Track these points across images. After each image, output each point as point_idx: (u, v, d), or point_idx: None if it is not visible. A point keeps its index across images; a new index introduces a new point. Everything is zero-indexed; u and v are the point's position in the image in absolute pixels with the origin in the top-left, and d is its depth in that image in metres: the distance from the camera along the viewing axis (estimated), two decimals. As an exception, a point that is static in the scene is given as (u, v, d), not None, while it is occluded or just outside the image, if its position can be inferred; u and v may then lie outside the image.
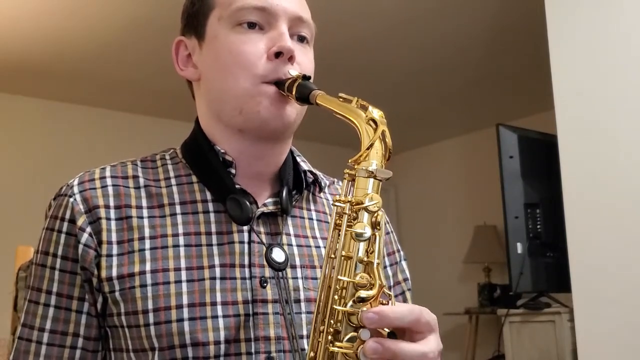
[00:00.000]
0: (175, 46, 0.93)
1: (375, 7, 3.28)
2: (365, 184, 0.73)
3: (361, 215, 0.72)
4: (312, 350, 0.71)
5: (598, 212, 2.36)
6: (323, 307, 0.71)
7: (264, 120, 0.84)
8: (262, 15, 0.85)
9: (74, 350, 0.81)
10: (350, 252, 0.71)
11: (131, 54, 3.75)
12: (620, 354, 2.25)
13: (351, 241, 0.71)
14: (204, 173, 0.87)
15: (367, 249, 0.71)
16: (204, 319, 0.78)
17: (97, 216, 0.82)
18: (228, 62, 0.85)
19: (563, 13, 2.53)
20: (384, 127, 0.75)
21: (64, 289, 0.81)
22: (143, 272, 0.79)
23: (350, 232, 0.71)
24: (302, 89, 0.82)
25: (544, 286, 2.94)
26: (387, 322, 0.66)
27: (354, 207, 0.72)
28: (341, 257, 0.71)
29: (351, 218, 0.72)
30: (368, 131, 0.75)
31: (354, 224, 0.71)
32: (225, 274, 0.81)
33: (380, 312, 0.65)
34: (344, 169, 0.75)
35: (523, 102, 4.49)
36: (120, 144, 4.51)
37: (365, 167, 0.73)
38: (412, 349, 0.66)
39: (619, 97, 2.35)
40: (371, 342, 0.65)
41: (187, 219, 0.84)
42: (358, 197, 0.72)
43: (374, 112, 0.77)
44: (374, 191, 0.73)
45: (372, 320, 0.65)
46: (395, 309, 0.67)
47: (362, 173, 0.73)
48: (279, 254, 0.83)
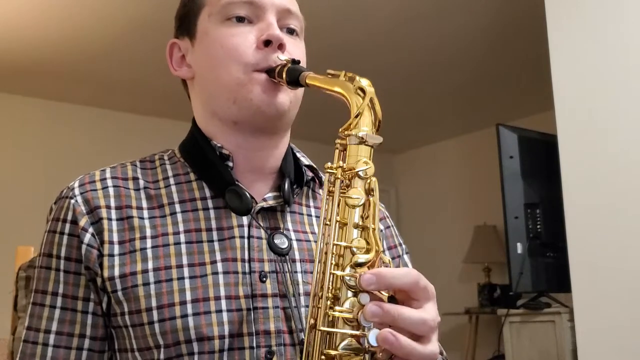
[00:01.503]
0: (169, 49, 0.94)
1: (375, 8, 3.29)
2: (356, 151, 0.73)
3: (354, 182, 0.72)
4: (312, 317, 0.70)
5: (598, 212, 2.36)
6: (321, 273, 0.70)
7: (257, 108, 0.84)
8: (251, 8, 0.86)
9: (80, 351, 0.80)
10: (345, 219, 0.71)
11: (132, 54, 3.75)
12: (620, 354, 2.25)
13: (346, 208, 0.71)
14: (202, 168, 0.88)
15: (362, 215, 0.71)
16: (208, 314, 0.78)
17: (98, 216, 0.82)
18: (219, 55, 0.86)
19: (563, 13, 2.53)
20: (371, 95, 0.75)
21: (68, 290, 0.81)
22: (145, 271, 0.79)
23: (344, 199, 0.71)
24: (292, 72, 0.82)
25: (544, 286, 2.94)
26: (384, 283, 0.66)
27: (346, 173, 0.72)
28: (336, 223, 0.71)
29: (344, 185, 0.72)
30: (357, 101, 0.75)
31: (347, 191, 0.71)
32: (227, 269, 0.81)
33: (377, 273, 0.65)
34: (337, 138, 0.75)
35: (523, 102, 4.50)
36: (120, 144, 4.51)
37: (354, 134, 0.73)
38: (412, 314, 0.66)
39: (618, 97, 2.35)
40: (371, 305, 0.65)
41: (187, 216, 0.84)
42: (350, 164, 0.72)
43: (361, 81, 0.77)
44: (367, 157, 0.72)
45: (370, 281, 0.65)
46: (392, 270, 0.67)
47: (353, 140, 0.73)
48: (281, 240, 0.83)
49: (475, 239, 4.89)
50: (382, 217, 1.00)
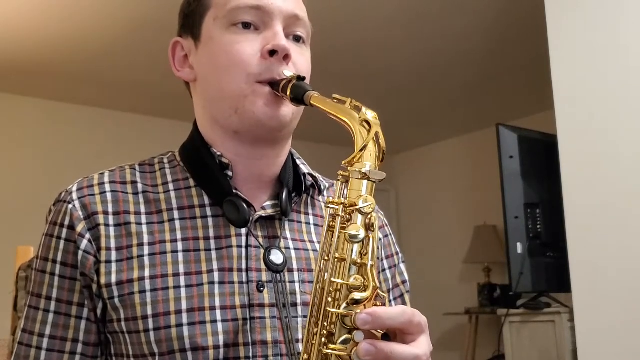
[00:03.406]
0: (172, 47, 0.92)
1: (375, 9, 3.29)
2: (359, 185, 0.72)
3: (355, 217, 0.71)
4: (305, 352, 0.71)
5: (598, 212, 2.36)
6: (317, 309, 0.71)
7: (259, 120, 0.83)
8: (257, 14, 0.85)
9: (73, 355, 0.81)
10: (344, 254, 0.70)
11: (132, 54, 3.75)
12: (620, 354, 2.25)
13: (345, 243, 0.71)
14: (201, 176, 0.87)
15: (361, 251, 0.71)
16: (203, 324, 0.78)
17: (96, 222, 0.81)
18: (223, 62, 0.84)
19: (563, 13, 2.53)
20: (377, 129, 0.75)
21: (63, 295, 0.81)
22: (142, 278, 0.79)
23: (343, 234, 0.71)
24: (297, 90, 0.81)
25: (544, 286, 2.94)
26: (380, 323, 0.66)
27: (347, 209, 0.72)
28: (335, 259, 0.71)
29: (345, 220, 0.72)
30: (362, 132, 0.75)
31: (347, 225, 0.71)
32: (223, 279, 0.81)
33: (373, 313, 0.66)
34: (340, 170, 0.75)
35: (523, 102, 4.50)
36: (120, 144, 4.51)
37: (358, 168, 0.73)
38: (405, 351, 0.66)
39: (618, 97, 2.35)
40: (365, 344, 0.65)
41: (185, 224, 0.84)
42: (351, 199, 0.72)
43: (367, 113, 0.76)
44: (368, 193, 0.72)
45: (365, 321, 0.65)
46: (388, 310, 0.67)
47: (356, 175, 0.73)
48: (277, 256, 0.82)
49: (475, 239, 4.89)
50: (381, 225, 1.00)
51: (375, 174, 0.73)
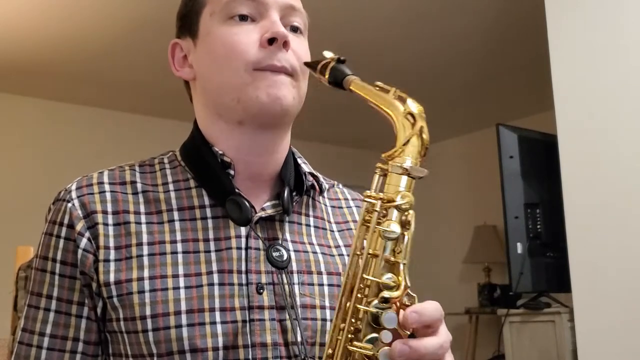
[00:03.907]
0: (171, 49, 0.92)
1: (375, 10, 3.29)
2: (397, 180, 0.71)
3: (391, 212, 0.70)
4: (330, 347, 0.70)
5: (598, 212, 2.36)
6: (345, 304, 0.70)
7: (262, 106, 0.82)
8: (253, 5, 0.85)
9: (74, 354, 0.80)
10: (377, 251, 0.69)
11: (132, 54, 3.75)
12: (620, 354, 2.25)
13: (378, 239, 0.69)
14: (203, 175, 0.86)
15: (394, 249, 0.70)
16: (202, 325, 0.77)
17: (94, 221, 0.81)
18: (222, 54, 0.84)
19: (563, 13, 2.53)
20: (422, 123, 0.73)
21: (63, 293, 0.81)
22: (141, 279, 0.79)
23: (378, 230, 0.69)
24: (336, 73, 0.80)
25: (544, 286, 2.94)
26: (423, 321, 0.67)
27: (384, 204, 0.70)
28: (368, 255, 0.70)
29: (380, 215, 0.70)
30: (405, 125, 0.73)
31: (383, 221, 0.70)
32: (223, 280, 0.80)
33: (419, 311, 0.67)
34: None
35: (523, 102, 4.50)
36: (120, 144, 4.51)
37: (399, 163, 0.71)
38: (434, 343, 0.67)
39: (618, 97, 2.35)
40: (399, 345, 0.66)
41: (185, 225, 0.83)
42: (389, 194, 0.70)
43: (412, 105, 0.74)
44: (406, 189, 0.71)
45: (414, 319, 0.66)
46: (427, 307, 0.68)
47: (396, 169, 0.71)
48: (280, 253, 0.82)
49: (475, 239, 4.89)
50: None
51: (416, 170, 0.71)
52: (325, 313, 0.84)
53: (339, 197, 0.99)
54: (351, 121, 5.01)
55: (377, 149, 4.65)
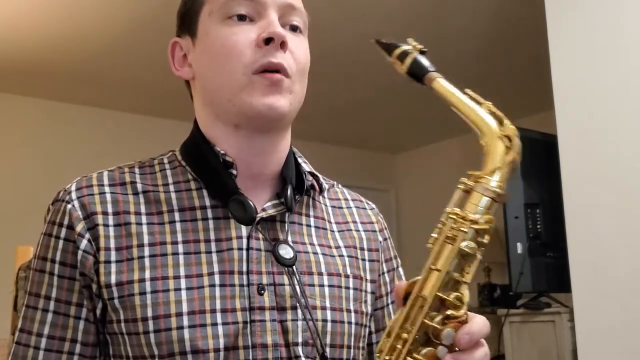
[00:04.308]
0: (171, 48, 0.92)
1: (375, 9, 3.28)
2: (478, 199, 0.71)
3: (470, 232, 0.70)
4: (388, 353, 0.71)
5: (598, 212, 2.35)
6: (412, 316, 0.70)
7: (257, 111, 0.82)
8: (251, 5, 0.84)
9: (71, 356, 0.80)
10: (449, 268, 0.70)
11: (132, 54, 3.74)
12: (620, 354, 2.25)
13: (454, 257, 0.70)
14: (205, 176, 0.86)
15: (464, 267, 0.71)
16: (203, 327, 0.77)
17: (95, 222, 0.81)
18: (219, 55, 0.84)
19: (563, 13, 2.53)
20: (518, 150, 0.73)
21: (62, 294, 0.81)
22: (142, 280, 0.79)
23: (458, 249, 0.70)
24: (417, 65, 0.80)
25: (544, 286, 2.94)
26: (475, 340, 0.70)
27: (465, 222, 0.70)
28: (446, 273, 0.70)
29: (458, 232, 0.71)
30: (499, 149, 0.72)
31: (460, 239, 0.70)
32: (224, 281, 0.80)
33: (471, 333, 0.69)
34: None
35: (523, 102, 4.49)
36: (120, 144, 4.50)
37: (486, 184, 0.71)
38: (480, 355, 0.71)
39: (619, 97, 2.34)
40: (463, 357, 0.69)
41: (186, 226, 0.83)
42: (469, 212, 0.70)
43: (510, 127, 0.72)
44: (485, 209, 0.70)
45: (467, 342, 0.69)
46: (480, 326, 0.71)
47: (481, 189, 0.71)
48: (286, 251, 0.82)
49: (475, 239, 4.89)
50: (381, 228, 1.00)
51: (502, 195, 0.71)
52: (326, 314, 0.84)
53: (339, 197, 0.99)
54: (353, 122, 5.01)
55: (378, 149, 4.70)
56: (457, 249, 0.70)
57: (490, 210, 0.70)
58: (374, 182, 5.48)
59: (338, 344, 0.85)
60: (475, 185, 0.71)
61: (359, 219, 0.98)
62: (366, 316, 0.91)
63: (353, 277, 0.90)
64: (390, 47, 0.82)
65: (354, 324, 0.87)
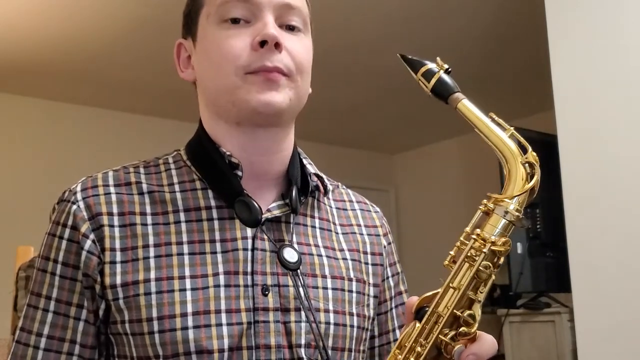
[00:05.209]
0: (177, 49, 0.92)
1: (374, 9, 3.29)
2: (498, 222, 0.73)
3: (488, 252, 0.72)
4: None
5: (598, 212, 2.36)
6: (427, 330, 0.72)
7: (255, 109, 0.82)
8: (246, 7, 0.84)
9: (70, 356, 0.80)
10: (461, 284, 0.72)
11: (132, 54, 3.75)
12: (620, 354, 2.25)
13: (471, 275, 0.72)
14: (210, 176, 0.86)
15: (479, 287, 0.73)
16: (208, 327, 0.77)
17: (100, 223, 0.81)
18: (215, 58, 0.84)
19: (563, 13, 2.53)
20: (538, 177, 0.75)
21: (63, 295, 0.81)
22: (147, 280, 0.79)
23: (476, 269, 0.72)
24: (442, 85, 0.81)
25: (544, 286, 2.94)
26: None
27: (487, 245, 0.73)
28: (464, 292, 0.72)
29: (478, 253, 0.73)
30: (521, 174, 0.75)
31: (480, 260, 0.72)
32: (229, 282, 0.80)
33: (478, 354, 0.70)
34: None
35: (523, 102, 4.50)
36: (121, 144, 4.51)
37: (506, 208, 0.73)
38: None
39: (619, 97, 2.35)
40: None
41: (191, 226, 0.83)
42: (487, 233, 0.73)
43: (532, 155, 0.75)
44: (502, 230, 0.73)
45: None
46: (487, 348, 0.71)
47: (502, 214, 0.73)
48: (290, 254, 0.82)
49: (475, 239, 4.88)
50: (385, 232, 1.00)
51: (521, 221, 0.73)
52: (329, 317, 0.84)
53: (344, 198, 0.99)
54: (352, 122, 5.01)
55: (378, 150, 4.69)
56: (476, 269, 0.72)
57: (506, 233, 0.73)
58: (373, 182, 5.49)
59: (340, 347, 0.85)
60: (496, 207, 0.74)
61: (363, 222, 0.98)
62: (368, 320, 0.91)
63: (356, 281, 0.90)
64: (416, 64, 0.83)
65: (355, 327, 0.87)
